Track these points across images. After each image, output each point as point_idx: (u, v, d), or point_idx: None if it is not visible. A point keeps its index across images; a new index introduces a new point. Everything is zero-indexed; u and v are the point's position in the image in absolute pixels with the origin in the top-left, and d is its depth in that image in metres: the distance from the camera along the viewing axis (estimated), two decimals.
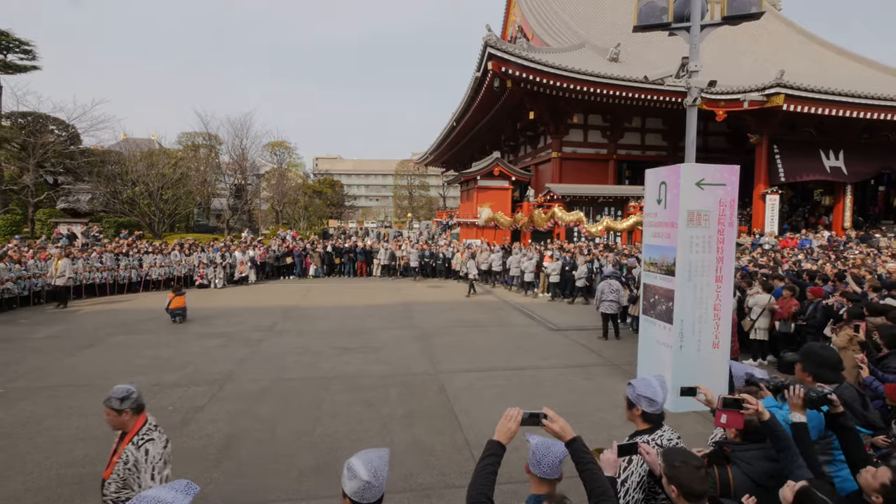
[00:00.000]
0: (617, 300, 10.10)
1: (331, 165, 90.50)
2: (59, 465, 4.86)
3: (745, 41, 30.53)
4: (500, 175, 25.09)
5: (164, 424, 5.84)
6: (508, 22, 42.48)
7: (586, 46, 28.29)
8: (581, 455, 2.11)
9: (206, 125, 36.26)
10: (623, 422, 5.88)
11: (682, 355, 6.24)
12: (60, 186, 29.99)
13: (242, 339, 10.02)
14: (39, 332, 10.63)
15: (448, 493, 4.44)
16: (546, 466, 2.16)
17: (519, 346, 9.72)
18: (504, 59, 21.26)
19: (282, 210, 40.57)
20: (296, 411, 6.27)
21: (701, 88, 6.97)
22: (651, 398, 2.61)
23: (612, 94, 22.37)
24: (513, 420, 2.17)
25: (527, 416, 2.20)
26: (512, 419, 2.17)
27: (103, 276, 15.58)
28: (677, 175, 6.37)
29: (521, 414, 2.20)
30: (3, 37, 25.14)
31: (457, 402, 6.61)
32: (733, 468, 2.41)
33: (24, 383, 7.30)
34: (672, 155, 27.83)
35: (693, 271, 6.28)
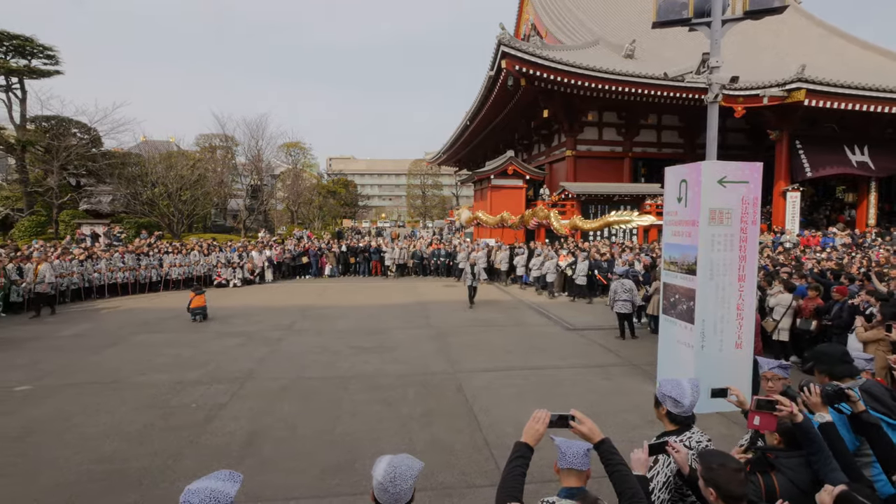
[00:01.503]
0: (631, 299, 10.01)
1: (344, 165, 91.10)
2: (87, 461, 4.98)
3: (765, 35, 29.94)
4: (513, 174, 24.99)
5: (188, 421, 5.99)
6: (521, 20, 42.27)
7: (601, 43, 28.03)
8: (610, 456, 2.10)
9: (222, 126, 36.82)
10: (646, 422, 5.85)
11: (703, 355, 6.14)
12: (83, 188, 30.70)
13: (262, 337, 10.15)
14: (65, 330, 10.90)
15: (469, 493, 4.44)
16: (571, 456, 2.15)
17: (536, 345, 9.68)
18: (518, 57, 21.17)
19: (297, 210, 40.97)
20: (316, 410, 6.33)
21: (722, 85, 6.86)
22: (676, 399, 2.58)
23: (628, 92, 22.14)
24: (540, 422, 2.17)
25: (555, 417, 2.19)
26: (539, 421, 2.17)
27: (125, 276, 15.91)
28: (698, 173, 6.28)
29: (549, 416, 2.19)
30: (28, 43, 25.78)
31: (475, 402, 6.61)
32: (778, 475, 2.37)
33: (52, 381, 7.49)
34: (690, 152, 27.43)
35: (715, 270, 6.18)
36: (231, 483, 1.61)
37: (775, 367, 3.12)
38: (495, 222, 23.40)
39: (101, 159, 28.96)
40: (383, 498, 1.87)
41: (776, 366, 3.13)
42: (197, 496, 1.56)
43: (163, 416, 6.10)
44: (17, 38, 25.43)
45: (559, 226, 20.80)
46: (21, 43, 25.60)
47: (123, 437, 5.53)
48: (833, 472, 2.29)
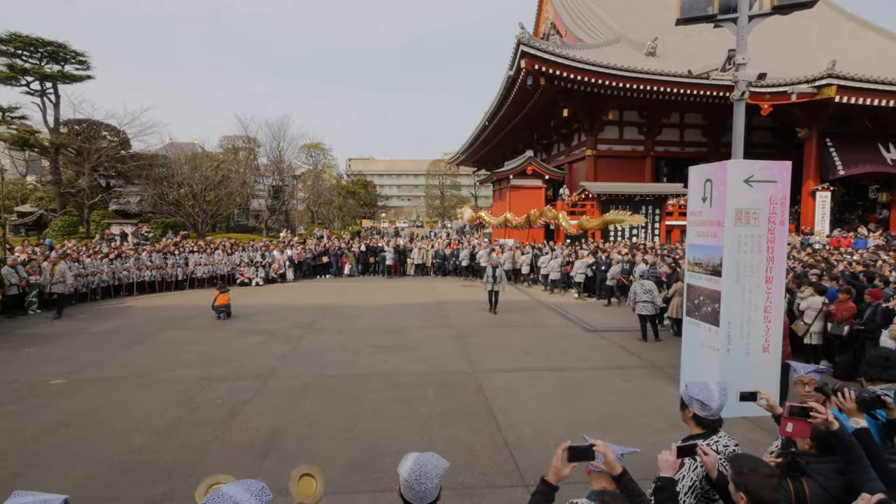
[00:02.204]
0: (651, 300, 9.85)
1: (364, 166, 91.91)
2: (118, 453, 5.14)
3: (794, 30, 29.12)
4: (533, 174, 24.85)
5: (213, 417, 6.12)
6: (541, 19, 41.99)
7: (622, 41, 27.65)
8: (631, 489, 2.10)
9: (245, 128, 37.51)
10: (669, 426, 5.76)
11: (729, 359, 6.02)
12: (112, 189, 31.67)
13: (283, 336, 10.32)
14: (96, 326, 11.26)
15: (490, 493, 4.44)
16: None
17: (556, 346, 9.61)
18: (537, 56, 21.05)
19: (317, 210, 41.48)
20: (337, 408, 6.41)
21: (749, 82, 6.71)
22: (704, 402, 2.54)
23: (650, 90, 21.80)
24: (558, 459, 2.11)
25: (572, 451, 2.11)
26: (558, 458, 2.12)
27: (153, 275, 16.36)
28: (724, 172, 6.16)
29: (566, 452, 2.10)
30: (61, 49, 26.71)
31: (495, 402, 6.60)
32: (809, 482, 2.32)
33: (85, 375, 7.75)
34: (714, 151, 26.87)
35: (741, 272, 6.05)
36: (257, 500, 1.59)
37: (812, 372, 3.04)
38: (498, 223, 23.38)
39: (130, 161, 29.86)
40: (409, 495, 1.89)
41: (812, 370, 3.05)
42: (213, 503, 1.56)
43: (189, 411, 6.26)
44: (51, 45, 26.38)
45: (567, 225, 20.96)
46: (55, 49, 26.55)
47: (152, 430, 5.70)
48: (871, 480, 2.23)
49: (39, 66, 26.61)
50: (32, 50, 26.20)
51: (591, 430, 5.63)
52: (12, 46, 25.65)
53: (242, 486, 1.62)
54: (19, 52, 26.00)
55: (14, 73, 26.09)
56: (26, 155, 34.21)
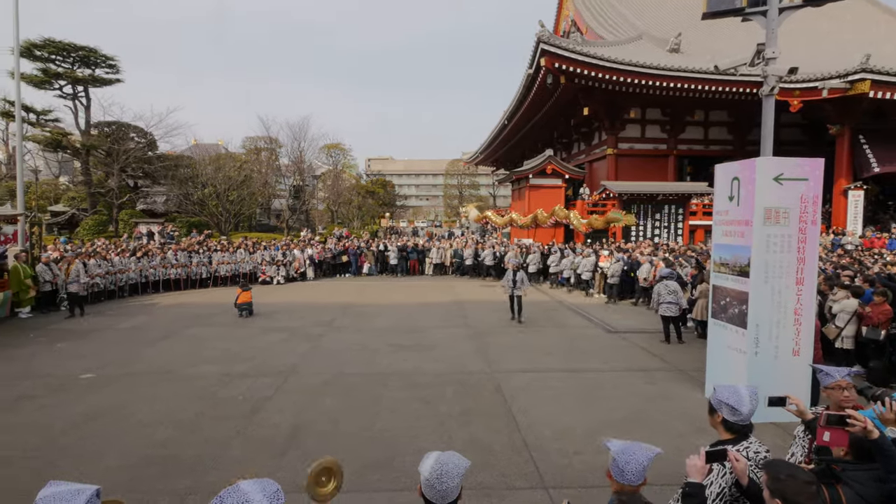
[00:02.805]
0: (676, 301, 9.64)
1: (383, 166, 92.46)
2: (145, 447, 5.26)
3: (825, 23, 28.15)
4: (552, 173, 24.59)
5: (236, 412, 6.22)
6: (561, 17, 41.54)
7: (644, 38, 27.16)
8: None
9: (267, 129, 38.15)
10: (694, 430, 5.62)
11: (757, 362, 5.84)
12: (140, 189, 32.57)
13: (304, 334, 10.44)
14: (124, 322, 11.58)
15: (509, 495, 4.40)
16: (630, 474, 2.07)
17: (576, 347, 9.49)
18: (557, 54, 20.82)
19: (337, 210, 41.91)
20: (356, 406, 6.45)
21: (779, 77, 6.50)
22: (734, 406, 2.46)
23: (674, 87, 21.36)
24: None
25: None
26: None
27: (178, 273, 16.75)
28: (752, 170, 5.98)
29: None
30: (92, 53, 27.58)
31: (514, 403, 6.55)
32: (845, 489, 2.22)
33: (113, 370, 7.97)
34: (739, 149, 26.19)
35: (770, 273, 5.87)
36: (269, 501, 1.58)
37: (847, 377, 2.91)
38: (504, 222, 23.33)
39: (157, 161, 30.66)
40: (430, 494, 1.87)
41: (847, 374, 2.92)
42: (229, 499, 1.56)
43: (212, 407, 6.37)
44: (82, 50, 27.26)
45: (578, 224, 21.06)
46: (86, 54, 27.42)
47: (177, 425, 5.82)
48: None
49: (72, 70, 27.52)
50: (65, 55, 27.12)
51: (612, 432, 5.52)
52: (46, 52, 26.58)
53: (259, 486, 1.62)
54: (53, 56, 26.93)
55: (48, 77, 27.05)
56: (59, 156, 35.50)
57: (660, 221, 22.78)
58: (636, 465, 2.07)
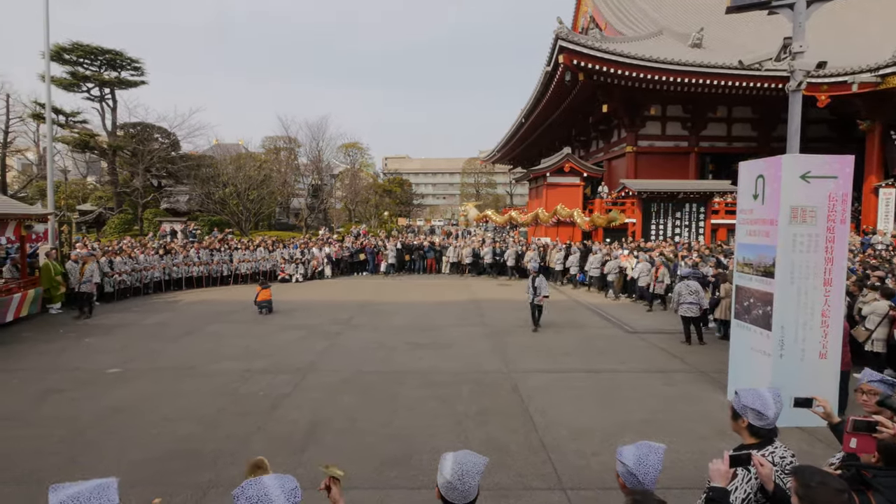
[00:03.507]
0: (697, 302, 9.45)
1: (399, 165, 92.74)
2: (168, 441, 5.39)
3: (854, 15, 27.24)
4: (570, 171, 24.34)
5: (256, 408, 6.32)
6: (579, 13, 41.06)
7: (665, 33, 26.69)
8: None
9: (286, 129, 38.64)
10: (715, 432, 5.51)
11: (782, 365, 5.70)
12: (163, 188, 33.31)
13: (322, 331, 10.55)
14: (149, 319, 11.87)
15: (526, 495, 4.38)
16: (649, 483, 2.02)
17: (594, 347, 9.39)
18: (576, 51, 20.59)
19: (354, 209, 42.24)
20: (374, 403, 6.49)
21: (807, 71, 6.31)
22: (760, 411, 2.40)
23: (696, 83, 20.92)
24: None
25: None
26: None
27: (200, 270, 17.09)
28: (778, 167, 5.83)
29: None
30: (118, 56, 28.32)
31: (531, 402, 6.51)
32: (876, 495, 2.16)
33: (138, 365, 8.17)
34: (764, 146, 25.53)
35: (796, 273, 5.71)
36: (286, 499, 1.60)
37: (876, 381, 2.82)
38: (503, 221, 23.35)
39: (180, 161, 31.34)
40: (452, 496, 1.87)
41: (878, 379, 2.83)
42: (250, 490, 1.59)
43: (233, 403, 6.49)
44: (109, 53, 28.01)
45: (582, 222, 21.18)
46: (112, 57, 28.17)
47: (199, 420, 5.94)
48: None
49: (99, 73, 28.30)
50: (92, 58, 27.90)
51: (631, 434, 5.45)
52: (75, 55, 27.38)
53: (278, 482, 1.65)
54: (81, 60, 27.73)
55: (76, 80, 27.87)
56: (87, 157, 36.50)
57: (680, 220, 22.38)
58: (654, 473, 2.01)
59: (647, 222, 22.33)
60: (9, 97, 27.24)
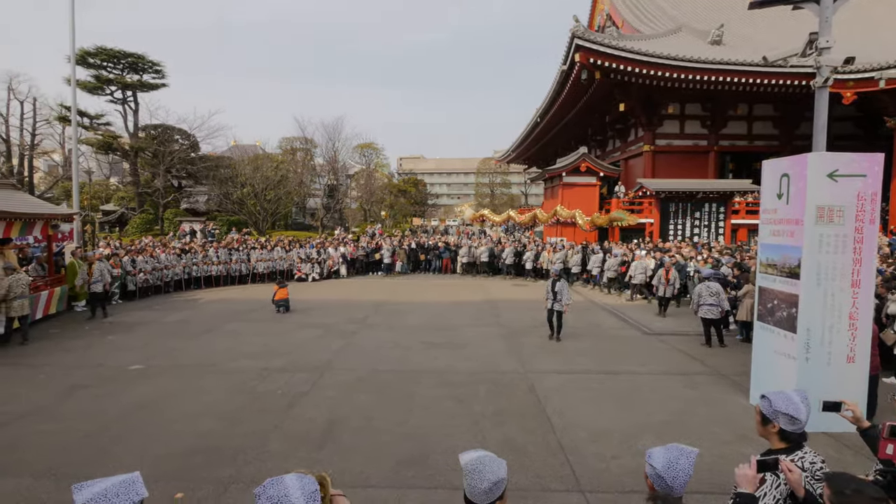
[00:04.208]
0: (717, 304, 9.26)
1: (414, 165, 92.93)
2: (189, 437, 5.48)
3: (880, 9, 26.48)
4: (586, 171, 24.12)
5: (274, 406, 6.39)
6: (596, 11, 40.65)
7: (683, 30, 26.27)
8: None
9: (303, 130, 39.14)
10: (737, 437, 5.40)
11: (808, 368, 5.56)
12: (183, 189, 33.92)
13: (338, 330, 10.62)
14: (170, 317, 12.09)
15: (544, 497, 4.34)
16: (679, 487, 1.98)
17: (611, 348, 9.29)
18: (592, 49, 20.37)
19: (370, 208, 42.47)
20: (390, 403, 6.51)
21: (834, 67, 6.15)
22: (793, 416, 2.33)
23: (717, 81, 20.52)
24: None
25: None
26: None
27: (219, 269, 17.36)
28: (803, 166, 5.69)
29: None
30: (140, 59, 28.94)
31: (548, 404, 6.46)
32: None
33: (160, 361, 8.33)
34: (786, 144, 24.95)
35: (823, 274, 5.56)
36: (304, 501, 1.59)
37: None
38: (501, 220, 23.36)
39: (199, 162, 31.91)
40: (484, 500, 1.88)
41: None
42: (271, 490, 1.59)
43: (252, 400, 6.57)
44: (131, 56, 28.64)
45: (583, 222, 21.09)
46: (134, 60, 28.80)
47: (219, 416, 6.03)
48: None
49: (121, 76, 28.97)
50: (115, 61, 28.56)
51: (651, 437, 5.38)
52: (98, 59, 28.06)
53: (299, 483, 1.63)
54: (104, 63, 28.40)
55: (100, 83, 28.56)
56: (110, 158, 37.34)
57: (699, 220, 21.99)
58: (684, 476, 1.97)
59: (664, 222, 22.01)
60: (36, 101, 28.06)
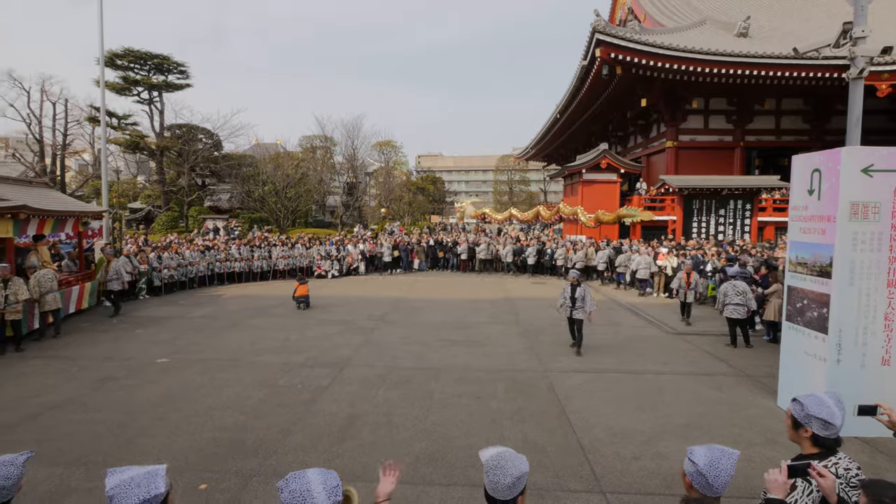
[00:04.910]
0: (744, 303, 9.02)
1: (432, 163, 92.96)
2: (214, 429, 5.59)
3: None
4: (607, 167, 23.76)
5: (295, 400, 6.47)
6: (617, 5, 39.97)
7: (708, 23, 25.64)
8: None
9: (322, 128, 39.46)
10: (765, 440, 5.26)
11: (839, 371, 5.37)
12: (207, 187, 34.63)
13: (357, 327, 10.72)
14: (195, 312, 12.37)
15: (564, 497, 4.30)
16: (719, 487, 1.93)
17: (633, 348, 9.15)
18: (613, 44, 20.05)
19: (388, 206, 42.68)
20: (409, 399, 6.54)
21: (870, 58, 5.91)
22: (827, 420, 2.25)
23: (743, 74, 19.99)
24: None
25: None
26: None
27: (241, 266, 17.69)
28: (836, 161, 5.49)
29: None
30: (165, 61, 29.61)
31: (568, 403, 6.40)
32: None
33: (185, 355, 8.53)
34: (817, 139, 24.18)
35: (857, 273, 5.37)
36: (327, 497, 1.62)
37: None
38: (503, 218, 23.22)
39: (222, 161, 32.54)
40: (507, 495, 1.87)
41: None
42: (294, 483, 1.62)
43: (274, 394, 6.68)
44: (157, 58, 29.33)
45: (586, 220, 21.05)
46: (160, 61, 29.48)
47: (242, 409, 6.15)
48: None
49: (148, 77, 29.70)
50: (142, 63, 29.29)
51: (674, 438, 5.28)
52: (126, 60, 28.81)
53: (321, 478, 1.65)
54: (131, 65, 29.15)
55: (128, 84, 29.33)
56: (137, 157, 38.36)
57: (724, 218, 21.50)
58: (725, 477, 1.92)
59: (688, 220, 21.58)
60: (67, 102, 28.98)
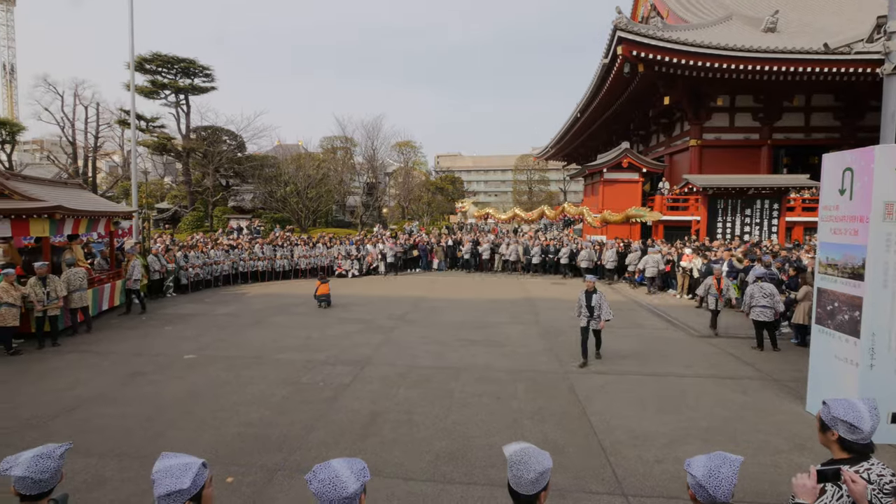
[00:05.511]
0: (772, 305, 8.79)
1: (451, 163, 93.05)
2: (239, 424, 5.74)
3: None
4: (629, 167, 23.44)
5: (318, 397, 6.58)
6: (640, 2, 39.37)
7: (734, 18, 25.09)
8: None
9: (343, 129, 39.91)
10: (793, 446, 5.15)
11: (872, 376, 5.21)
12: (231, 187, 35.37)
13: (378, 325, 10.82)
14: (220, 310, 12.67)
15: (585, 499, 4.28)
16: (722, 497, 1.90)
17: (655, 350, 9.02)
18: (635, 41, 19.77)
19: (408, 206, 42.91)
20: (429, 398, 6.58)
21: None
22: (853, 424, 2.20)
23: (770, 71, 19.47)
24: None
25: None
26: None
27: (264, 265, 18.03)
28: (869, 159, 5.33)
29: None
30: (191, 64, 30.36)
31: (589, 404, 6.35)
32: None
33: (210, 352, 8.75)
34: (849, 137, 23.40)
35: (891, 276, 5.20)
36: (355, 478, 1.69)
37: None
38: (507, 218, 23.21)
39: (245, 162, 33.20)
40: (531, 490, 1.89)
41: None
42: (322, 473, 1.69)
43: (297, 391, 6.80)
44: (183, 61, 30.10)
45: (592, 220, 20.93)
46: (186, 65, 30.25)
47: (266, 405, 6.28)
48: None
49: (174, 80, 30.50)
50: (169, 67, 30.11)
51: (697, 442, 5.20)
52: (154, 65, 29.64)
53: (347, 465, 1.75)
54: (159, 69, 29.99)
55: (156, 87, 30.17)
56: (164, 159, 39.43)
57: (751, 218, 20.96)
58: (727, 486, 1.87)
59: (712, 220, 21.11)
60: (98, 106, 29.97)
